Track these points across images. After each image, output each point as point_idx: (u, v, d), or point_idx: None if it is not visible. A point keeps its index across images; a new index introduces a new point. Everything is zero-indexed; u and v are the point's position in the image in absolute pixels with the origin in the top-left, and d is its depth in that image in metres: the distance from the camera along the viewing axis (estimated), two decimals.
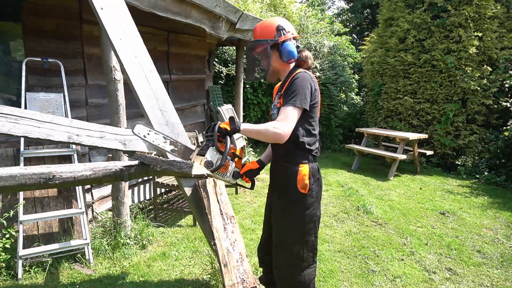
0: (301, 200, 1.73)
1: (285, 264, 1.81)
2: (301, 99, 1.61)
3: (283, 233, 1.81)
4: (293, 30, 1.78)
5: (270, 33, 1.72)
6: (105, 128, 2.15)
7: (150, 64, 2.42)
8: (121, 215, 3.03)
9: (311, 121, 1.74)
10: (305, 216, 1.75)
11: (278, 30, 1.71)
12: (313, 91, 1.68)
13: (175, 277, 2.63)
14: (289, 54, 1.70)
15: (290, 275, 1.80)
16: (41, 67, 3.07)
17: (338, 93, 8.40)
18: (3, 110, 1.75)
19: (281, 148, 1.75)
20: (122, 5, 2.43)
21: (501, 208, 4.39)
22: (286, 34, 1.71)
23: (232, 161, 1.79)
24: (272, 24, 1.74)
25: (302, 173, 1.71)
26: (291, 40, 1.74)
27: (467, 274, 2.77)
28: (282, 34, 1.71)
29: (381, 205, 4.34)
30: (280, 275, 1.86)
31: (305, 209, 1.74)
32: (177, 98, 4.81)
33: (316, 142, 1.79)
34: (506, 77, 5.88)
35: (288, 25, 1.77)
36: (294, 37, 1.77)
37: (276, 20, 1.76)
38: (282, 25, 1.73)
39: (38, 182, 1.72)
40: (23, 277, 2.53)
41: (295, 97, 1.61)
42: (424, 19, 6.40)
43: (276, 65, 1.78)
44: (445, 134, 6.40)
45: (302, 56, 1.80)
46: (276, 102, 1.83)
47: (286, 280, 1.83)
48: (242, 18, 4.65)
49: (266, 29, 1.74)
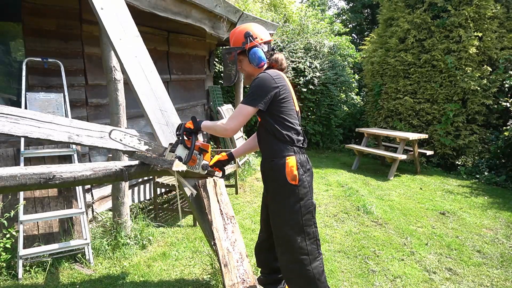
0: (293, 191, 1.77)
1: (291, 261, 1.82)
2: (253, 99, 1.73)
3: (282, 229, 1.82)
4: (263, 36, 1.86)
5: (239, 41, 1.84)
6: (105, 128, 2.15)
7: (150, 64, 2.42)
8: (121, 215, 3.03)
9: (285, 116, 1.80)
10: (300, 207, 1.78)
11: (245, 37, 1.82)
12: (276, 88, 1.75)
13: (175, 277, 2.63)
14: (258, 59, 1.81)
15: (298, 271, 1.81)
16: (41, 67, 3.07)
17: (338, 93, 8.40)
18: (3, 110, 1.75)
19: (265, 145, 1.87)
20: (122, 5, 2.43)
21: (501, 208, 4.38)
22: (253, 40, 1.81)
23: (200, 155, 1.97)
24: (240, 32, 1.85)
25: (290, 165, 1.76)
26: (260, 45, 1.83)
27: (467, 274, 2.77)
28: (248, 41, 1.81)
29: (381, 205, 4.34)
30: (287, 273, 1.87)
31: (299, 200, 1.78)
32: (177, 98, 4.81)
33: (298, 134, 1.85)
34: (506, 77, 5.88)
35: (258, 31, 1.86)
36: (265, 41, 1.86)
37: (246, 27, 1.86)
38: (251, 31, 1.83)
39: (38, 182, 1.72)
40: (24, 277, 2.53)
41: (247, 96, 1.75)
42: (424, 19, 6.40)
43: (249, 70, 1.90)
44: (445, 134, 6.40)
45: (273, 58, 1.89)
46: None
47: (295, 278, 1.84)
48: (242, 18, 4.65)
49: (236, 37, 1.87)
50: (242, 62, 1.89)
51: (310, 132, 7.91)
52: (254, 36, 1.82)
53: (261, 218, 2.14)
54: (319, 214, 4.01)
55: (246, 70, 1.91)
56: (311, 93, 7.64)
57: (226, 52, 1.89)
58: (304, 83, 7.52)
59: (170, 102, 2.45)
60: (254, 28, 1.86)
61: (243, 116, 1.75)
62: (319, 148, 8.29)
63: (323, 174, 5.89)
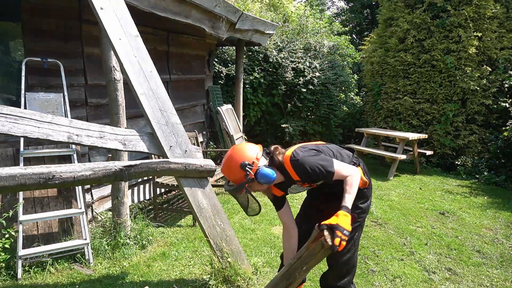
0: (365, 194, 1.92)
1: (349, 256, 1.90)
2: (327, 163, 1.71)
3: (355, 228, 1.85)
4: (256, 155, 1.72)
5: (239, 175, 1.69)
6: (105, 128, 2.15)
7: (150, 64, 2.42)
8: (121, 215, 3.03)
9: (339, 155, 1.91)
10: (368, 206, 1.96)
11: (243, 169, 1.67)
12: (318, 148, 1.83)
13: (175, 277, 2.63)
14: (268, 179, 1.70)
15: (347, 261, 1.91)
16: (41, 67, 3.07)
17: (338, 93, 8.39)
18: (2, 110, 1.75)
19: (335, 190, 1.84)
20: (122, 5, 2.43)
21: (500, 208, 4.39)
22: (253, 166, 1.68)
23: None
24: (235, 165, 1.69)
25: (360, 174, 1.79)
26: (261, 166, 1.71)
27: (467, 274, 2.78)
28: (249, 170, 1.67)
29: (381, 205, 4.34)
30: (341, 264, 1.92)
31: (368, 200, 1.95)
32: (177, 98, 4.81)
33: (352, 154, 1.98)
34: (506, 77, 5.88)
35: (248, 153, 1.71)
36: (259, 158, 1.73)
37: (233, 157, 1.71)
38: (245, 159, 1.68)
39: (38, 182, 1.72)
40: (23, 277, 2.52)
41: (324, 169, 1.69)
42: (424, 19, 6.40)
43: (261, 188, 1.82)
44: (445, 134, 6.40)
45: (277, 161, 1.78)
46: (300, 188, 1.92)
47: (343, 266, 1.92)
48: (242, 18, 4.65)
49: (234, 172, 1.71)
50: (254, 187, 1.78)
51: (309, 132, 7.90)
52: (250, 163, 1.68)
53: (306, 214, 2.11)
54: None
55: (259, 189, 1.84)
56: (310, 93, 7.64)
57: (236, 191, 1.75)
58: (303, 83, 7.52)
59: (170, 102, 2.46)
60: (246, 154, 1.71)
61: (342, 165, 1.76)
62: None
63: None
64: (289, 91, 7.62)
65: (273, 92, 7.55)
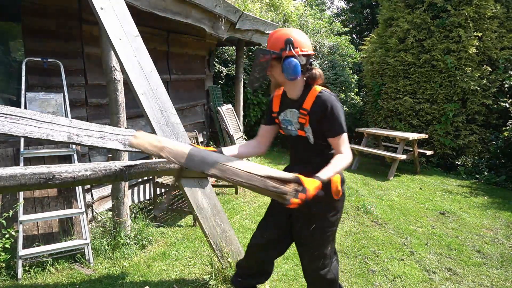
0: (335, 206, 1.81)
1: (320, 267, 1.87)
2: (345, 125, 1.69)
3: (317, 240, 1.83)
4: (305, 47, 1.66)
5: (277, 46, 1.63)
6: (105, 128, 2.15)
7: (150, 64, 2.42)
8: (121, 215, 3.03)
9: None
10: (337, 219, 1.86)
11: (285, 44, 1.60)
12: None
13: (175, 277, 2.63)
14: (292, 72, 1.60)
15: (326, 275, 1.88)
16: (41, 67, 3.07)
17: (338, 93, 8.40)
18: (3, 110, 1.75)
19: (314, 162, 1.78)
20: (122, 5, 2.43)
21: (501, 208, 4.39)
22: (293, 49, 1.60)
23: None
24: (281, 36, 1.63)
25: (335, 181, 1.69)
26: (299, 57, 1.62)
27: (467, 274, 2.78)
28: (288, 48, 1.60)
29: (381, 205, 4.34)
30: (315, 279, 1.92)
31: (337, 213, 1.84)
32: (177, 98, 4.81)
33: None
34: (506, 77, 5.88)
35: (301, 40, 1.65)
36: (307, 54, 1.66)
37: (288, 32, 1.65)
38: (293, 38, 1.61)
39: (38, 182, 1.72)
40: (23, 277, 2.52)
41: (342, 124, 1.68)
42: (424, 19, 6.40)
43: (279, 79, 1.72)
44: (445, 134, 6.40)
45: (311, 74, 1.72)
46: (294, 118, 1.77)
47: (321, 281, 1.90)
48: (242, 18, 4.65)
49: (274, 40, 1.65)
50: (273, 68, 1.68)
51: None
52: (295, 45, 1.61)
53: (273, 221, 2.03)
54: None
55: (276, 78, 1.73)
56: None
57: (260, 52, 1.67)
58: None
59: (170, 102, 2.45)
60: (296, 36, 1.64)
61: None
62: None
63: None
64: None
65: None
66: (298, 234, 1.90)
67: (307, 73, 1.71)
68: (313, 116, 1.70)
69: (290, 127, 1.82)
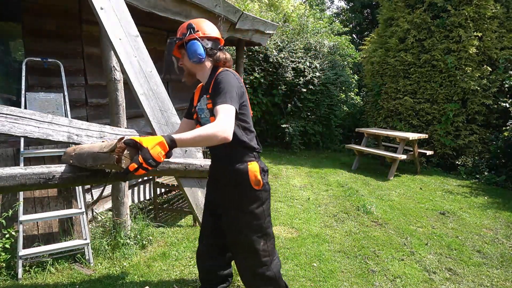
0: (257, 196, 1.73)
1: (255, 265, 1.79)
2: (232, 98, 1.53)
3: (246, 235, 1.75)
4: (208, 30, 1.71)
5: (181, 32, 1.71)
6: (105, 128, 2.15)
7: (150, 64, 2.42)
8: (121, 215, 3.03)
9: (246, 119, 1.72)
10: (263, 211, 1.76)
11: (187, 29, 1.67)
12: (241, 88, 1.67)
13: (175, 277, 2.63)
14: (194, 53, 1.65)
15: (262, 274, 1.79)
16: (41, 67, 3.07)
17: (338, 93, 8.40)
18: (2, 110, 1.75)
19: (223, 149, 1.70)
20: (122, 5, 2.42)
21: (501, 208, 4.38)
22: (194, 33, 1.66)
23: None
24: (186, 23, 1.71)
25: (253, 170, 1.70)
26: (202, 40, 1.68)
27: (467, 274, 2.77)
28: (189, 32, 1.66)
29: (381, 205, 4.34)
30: (251, 278, 1.83)
31: (262, 204, 1.75)
32: (177, 98, 4.80)
33: (257, 139, 1.81)
34: (506, 77, 5.88)
35: (203, 25, 1.71)
36: (210, 37, 1.71)
37: (193, 20, 1.73)
38: (194, 24, 1.68)
39: (38, 182, 1.71)
40: (23, 277, 2.52)
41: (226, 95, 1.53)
42: (424, 19, 6.40)
43: (188, 66, 1.75)
44: (445, 134, 6.40)
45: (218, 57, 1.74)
46: (204, 105, 1.74)
47: (259, 280, 1.81)
48: (242, 18, 4.65)
49: (181, 28, 1.72)
50: (183, 57, 1.74)
51: (310, 132, 7.91)
52: (196, 29, 1.67)
53: (205, 225, 1.99)
54: (319, 214, 4.01)
55: (186, 65, 1.76)
56: (311, 93, 7.64)
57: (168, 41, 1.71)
58: (304, 83, 7.52)
59: (170, 102, 2.45)
60: (199, 22, 1.71)
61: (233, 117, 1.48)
62: (319, 148, 8.29)
63: (323, 174, 5.89)
64: (289, 91, 7.62)
65: (273, 92, 7.55)
66: (225, 229, 1.84)
67: (214, 57, 1.73)
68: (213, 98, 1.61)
69: (203, 115, 1.78)
